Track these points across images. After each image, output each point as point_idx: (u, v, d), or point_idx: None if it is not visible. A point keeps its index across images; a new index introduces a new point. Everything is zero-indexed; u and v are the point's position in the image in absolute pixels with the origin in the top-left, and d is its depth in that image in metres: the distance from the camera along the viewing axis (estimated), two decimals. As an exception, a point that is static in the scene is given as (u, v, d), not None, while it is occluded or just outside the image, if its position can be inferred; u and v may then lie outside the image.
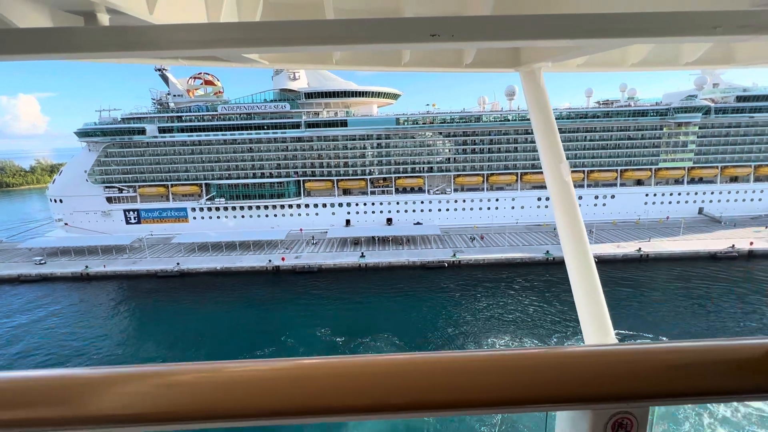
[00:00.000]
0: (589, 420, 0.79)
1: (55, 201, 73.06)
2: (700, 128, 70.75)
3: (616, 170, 72.24)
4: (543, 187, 71.89)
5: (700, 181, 73.07)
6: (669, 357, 0.70)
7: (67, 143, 76.12)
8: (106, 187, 71.43)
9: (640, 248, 56.20)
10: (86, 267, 55.94)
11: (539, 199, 72.35)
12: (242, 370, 0.66)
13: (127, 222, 72.32)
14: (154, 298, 48.24)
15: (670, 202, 72.97)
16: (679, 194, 72.72)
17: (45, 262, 58.10)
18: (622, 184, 73.15)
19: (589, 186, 72.17)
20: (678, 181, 73.09)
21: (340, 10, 4.06)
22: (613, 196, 72.92)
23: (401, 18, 3.52)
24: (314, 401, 0.64)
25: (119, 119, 72.30)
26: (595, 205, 72.32)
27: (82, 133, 70.93)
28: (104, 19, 2.88)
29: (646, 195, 72.92)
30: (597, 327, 4.12)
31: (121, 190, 71.75)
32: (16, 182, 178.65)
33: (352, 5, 4.24)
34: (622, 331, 35.92)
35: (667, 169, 72.13)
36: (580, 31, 2.28)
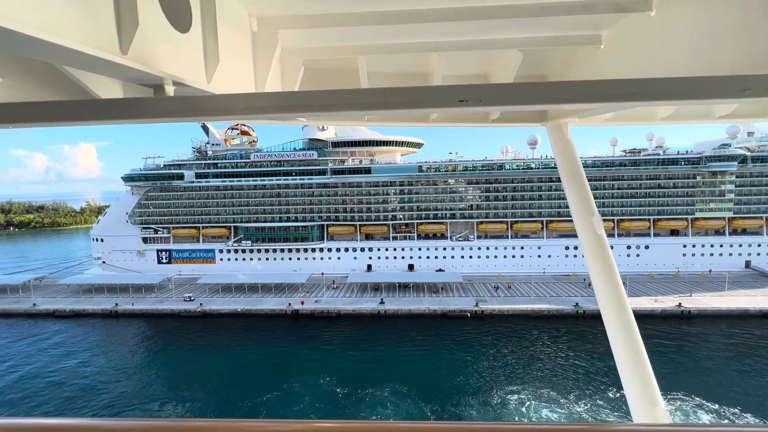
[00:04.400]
0: None
1: (97, 240, 77.86)
2: (737, 177, 67.77)
3: (649, 219, 69.32)
4: (571, 235, 69.76)
5: (744, 232, 68.60)
6: None
7: (116, 187, 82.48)
8: (143, 227, 75.76)
9: (680, 303, 52.12)
10: (116, 305, 57.97)
11: (567, 248, 69.87)
12: (262, 428, 0.65)
13: (159, 261, 75.45)
14: (173, 338, 48.77)
15: (711, 254, 68.38)
16: (721, 246, 68.21)
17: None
18: (656, 234, 69.76)
19: (620, 236, 69.25)
20: (719, 232, 68.92)
21: (373, 73, 4.35)
22: (647, 247, 69.34)
23: (432, 86, 3.74)
24: None
25: (162, 165, 78.24)
26: (628, 255, 68.84)
27: (128, 178, 76.92)
28: (170, 90, 3.29)
29: (684, 246, 68.85)
30: (642, 393, 3.92)
31: (156, 231, 75.76)
32: (66, 222, 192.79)
33: (384, 68, 4.52)
34: (668, 393, 32.45)
35: (705, 218, 68.51)
36: (604, 95, 2.28)
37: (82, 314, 56.73)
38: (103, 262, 76.26)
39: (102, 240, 77.31)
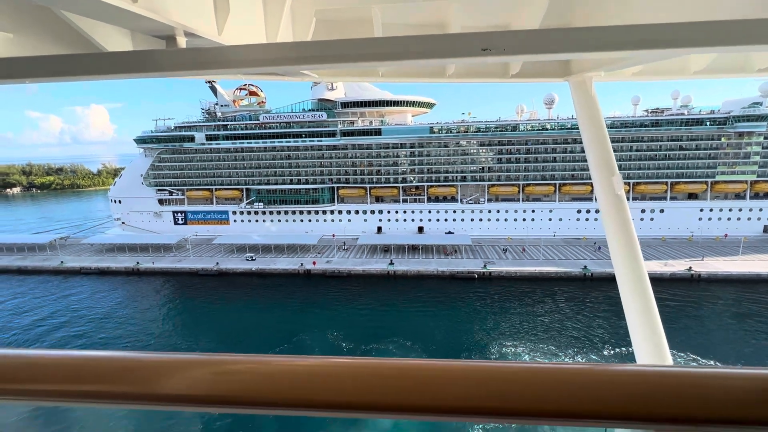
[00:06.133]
0: None
1: (115, 201, 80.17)
2: (765, 138, 64.47)
3: (666, 183, 67.40)
4: (584, 199, 68.70)
5: (766, 196, 66.33)
6: (747, 384, 0.68)
7: (130, 149, 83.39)
8: (159, 189, 77.37)
9: (690, 267, 51.88)
10: (137, 263, 60.71)
11: (579, 211, 69.05)
12: (285, 364, 0.73)
13: (175, 223, 77.71)
14: (192, 294, 51.39)
15: (729, 219, 66.73)
16: (740, 210, 66.34)
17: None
18: (672, 198, 68.09)
19: (635, 199, 67.84)
20: (739, 196, 66.80)
21: (388, 24, 4.14)
22: (662, 210, 68.00)
23: (452, 34, 3.50)
24: (344, 397, 0.69)
25: (172, 127, 78.31)
26: (642, 219, 67.78)
27: (140, 140, 77.57)
28: (182, 41, 3.26)
29: (701, 210, 67.25)
30: (652, 348, 3.94)
31: (171, 193, 77.38)
32: (85, 184, 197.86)
33: (399, 19, 4.28)
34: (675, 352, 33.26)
35: (725, 182, 66.22)
36: (634, 42, 2.12)
37: (107, 271, 59.77)
38: (123, 223, 78.95)
39: (120, 201, 79.54)
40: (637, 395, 0.67)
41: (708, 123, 65.14)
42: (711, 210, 67.03)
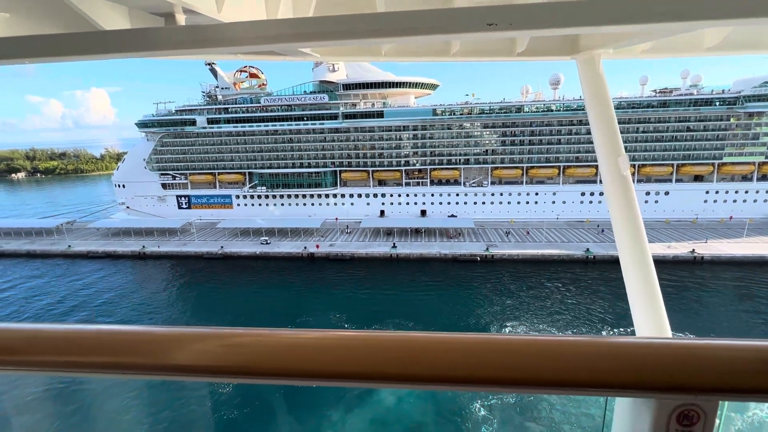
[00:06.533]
0: (652, 408, 0.79)
1: (119, 186, 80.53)
2: (775, 118, 63.15)
3: (672, 165, 66.60)
4: (588, 181, 68.19)
5: (773, 178, 65.44)
6: (744, 354, 0.70)
7: (132, 134, 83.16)
8: (161, 174, 77.51)
9: (693, 249, 51.82)
10: (143, 247, 61.44)
11: (582, 194, 68.64)
12: (290, 337, 0.77)
13: (179, 207, 78.16)
14: (198, 277, 52.18)
15: (735, 201, 66.09)
16: (747, 192, 65.64)
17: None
18: (678, 180, 67.41)
19: (639, 181, 67.20)
20: (746, 178, 65.98)
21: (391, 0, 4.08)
22: (667, 193, 67.44)
23: (457, 8, 3.46)
24: (346, 368, 0.72)
25: (173, 111, 77.79)
26: (646, 201, 67.26)
27: (141, 124, 77.25)
28: (181, 19, 3.20)
29: (707, 192, 66.62)
30: (653, 326, 3.98)
31: (174, 177, 77.52)
32: (88, 168, 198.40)
33: None
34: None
35: (732, 164, 65.33)
36: (648, 14, 2.07)
37: (113, 255, 60.60)
38: (128, 207, 79.51)
39: (124, 186, 79.87)
40: (637, 366, 0.68)
41: (717, 103, 63.78)
42: (717, 192, 66.39)
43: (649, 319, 3.97)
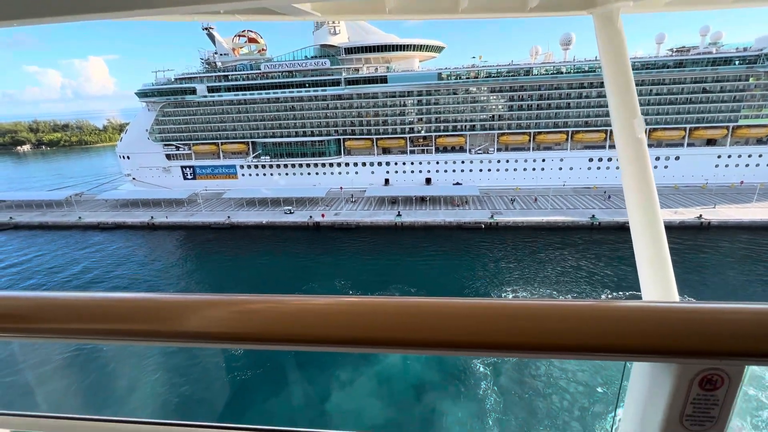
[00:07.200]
0: (674, 372, 0.78)
1: (124, 157, 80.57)
2: (798, 78, 60.31)
3: (685, 128, 64.65)
4: (596, 147, 66.76)
5: (790, 140, 63.47)
6: (750, 317, 0.70)
7: (132, 104, 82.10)
8: (165, 144, 77.17)
9: (701, 215, 51.37)
10: (152, 217, 62.37)
11: (591, 159, 67.43)
12: (300, 303, 0.78)
13: (185, 177, 78.42)
14: (206, 246, 53.29)
15: (747, 165, 64.50)
16: (760, 156, 63.90)
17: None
18: (689, 144, 65.70)
19: (650, 146, 65.33)
20: (761, 141, 64.06)
21: None
22: (677, 158, 65.95)
23: None
24: (355, 333, 0.72)
25: (173, 79, 76.16)
26: (656, 167, 65.94)
27: (141, 94, 76.03)
28: None
29: (719, 157, 65.00)
30: (661, 291, 3.99)
31: (177, 148, 77.23)
32: (92, 140, 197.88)
33: None
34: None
35: (748, 126, 63.22)
36: None
37: (123, 226, 61.73)
38: (134, 179, 79.94)
39: (128, 157, 79.91)
40: (662, 330, 0.68)
41: (737, 62, 60.81)
42: (729, 156, 64.74)
43: (657, 284, 3.99)
